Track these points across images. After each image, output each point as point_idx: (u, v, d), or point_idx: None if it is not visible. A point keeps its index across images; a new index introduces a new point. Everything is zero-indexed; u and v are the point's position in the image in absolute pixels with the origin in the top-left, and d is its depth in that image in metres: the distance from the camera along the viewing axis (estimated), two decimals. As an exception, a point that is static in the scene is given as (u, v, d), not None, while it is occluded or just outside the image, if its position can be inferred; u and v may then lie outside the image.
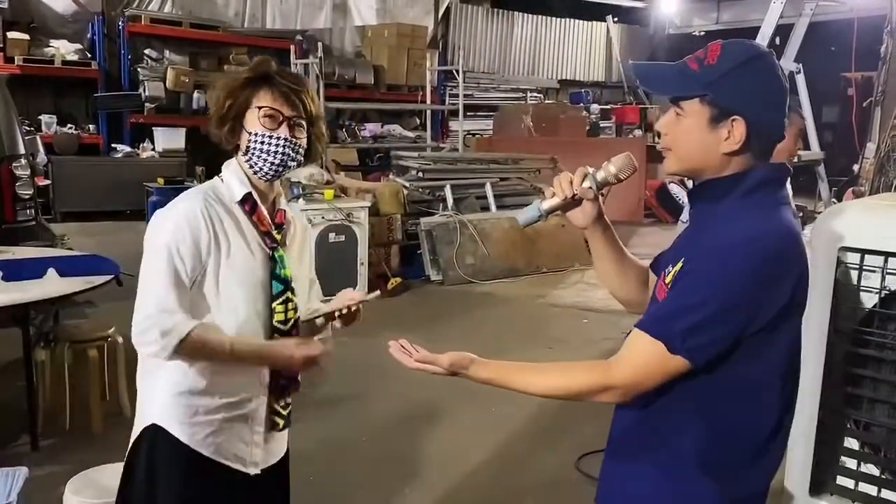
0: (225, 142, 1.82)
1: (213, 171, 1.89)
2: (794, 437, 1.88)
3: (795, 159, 3.13)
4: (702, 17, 17.63)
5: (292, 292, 1.84)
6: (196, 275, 1.72)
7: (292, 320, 1.85)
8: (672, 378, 1.33)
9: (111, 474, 2.50)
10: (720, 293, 1.28)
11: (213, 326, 1.74)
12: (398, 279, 6.98)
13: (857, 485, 1.81)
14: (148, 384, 1.82)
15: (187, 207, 1.74)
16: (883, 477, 1.77)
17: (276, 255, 1.82)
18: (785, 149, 2.95)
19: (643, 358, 1.33)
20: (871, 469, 1.79)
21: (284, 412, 1.90)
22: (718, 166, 1.37)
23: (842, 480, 1.83)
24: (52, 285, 3.52)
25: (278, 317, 1.82)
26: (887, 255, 1.73)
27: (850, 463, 1.82)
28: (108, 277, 3.68)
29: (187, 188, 1.96)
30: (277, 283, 1.81)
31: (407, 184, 7.89)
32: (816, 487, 1.86)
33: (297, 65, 9.05)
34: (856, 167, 7.57)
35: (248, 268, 1.78)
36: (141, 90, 10.46)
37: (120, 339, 3.94)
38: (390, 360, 1.48)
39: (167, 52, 10.99)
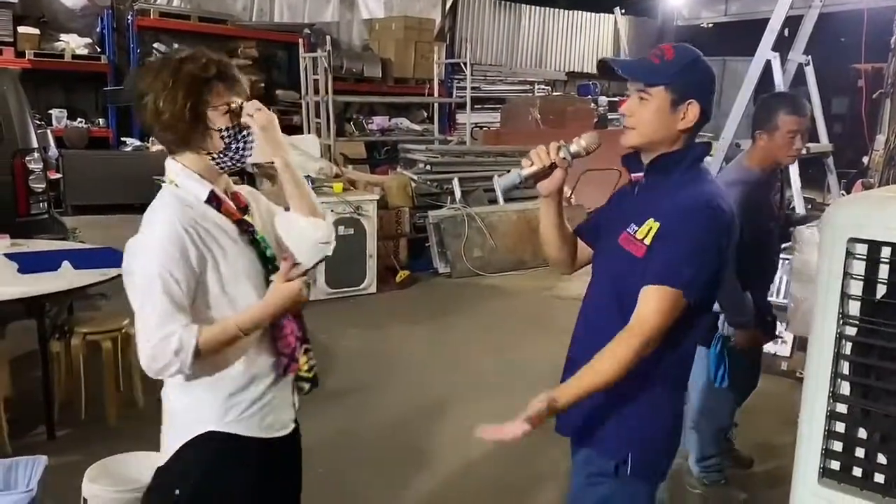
0: (192, 144, 1.79)
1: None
2: (803, 426, 1.91)
3: (802, 152, 3.07)
4: (710, 9, 17.52)
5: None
6: (194, 291, 1.71)
7: None
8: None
9: (128, 463, 2.55)
10: (703, 243, 1.68)
11: (209, 323, 1.73)
12: (406, 272, 7.02)
13: (865, 473, 1.82)
14: (184, 395, 1.80)
15: (166, 229, 1.70)
16: (892, 466, 1.79)
17: (258, 238, 1.82)
18: (779, 147, 2.93)
19: (666, 305, 1.66)
20: (880, 458, 1.81)
21: (309, 375, 1.89)
22: (672, 141, 1.77)
23: (851, 469, 1.84)
24: (66, 277, 3.57)
25: None
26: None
27: (859, 452, 1.84)
28: (121, 270, 3.71)
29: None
30: (266, 262, 1.82)
31: (415, 177, 7.92)
32: (825, 476, 1.88)
33: (305, 58, 9.06)
34: (865, 159, 7.55)
35: (246, 259, 1.78)
36: (150, 84, 10.48)
37: (133, 332, 3.98)
38: (398, 352, 1.50)
39: (176, 46, 11.00)
